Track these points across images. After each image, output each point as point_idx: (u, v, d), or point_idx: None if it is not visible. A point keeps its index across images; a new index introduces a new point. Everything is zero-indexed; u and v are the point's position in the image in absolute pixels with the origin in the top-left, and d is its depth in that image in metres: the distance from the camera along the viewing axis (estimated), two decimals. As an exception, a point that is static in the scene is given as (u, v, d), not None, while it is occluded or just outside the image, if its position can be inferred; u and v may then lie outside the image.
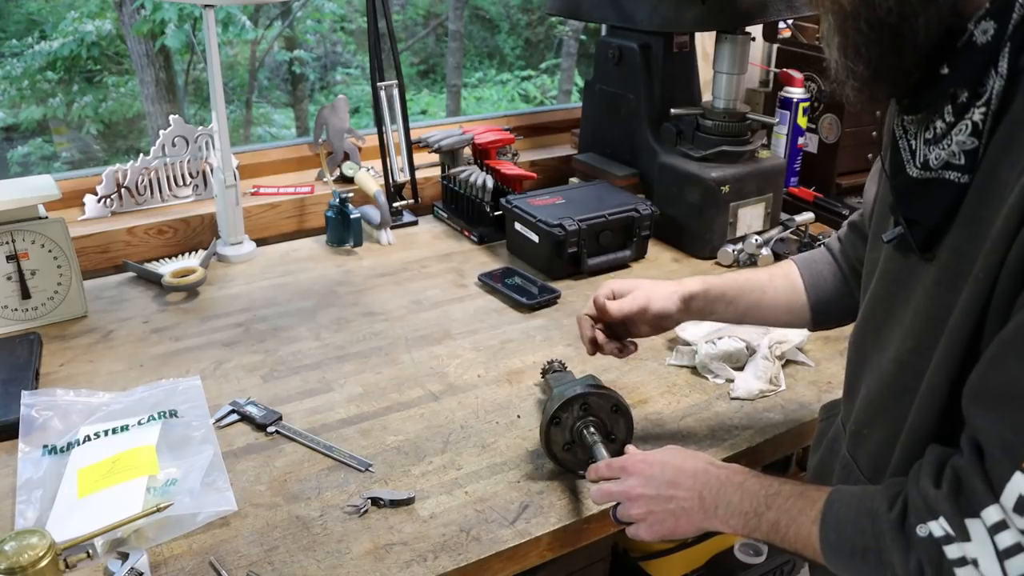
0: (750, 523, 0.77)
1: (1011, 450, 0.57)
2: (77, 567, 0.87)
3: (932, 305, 0.68)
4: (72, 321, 1.39)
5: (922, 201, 0.69)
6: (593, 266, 1.57)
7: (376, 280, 1.56)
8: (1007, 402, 0.58)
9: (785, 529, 0.75)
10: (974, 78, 0.63)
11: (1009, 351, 0.59)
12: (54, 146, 5.65)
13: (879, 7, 0.65)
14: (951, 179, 0.66)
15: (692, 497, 0.82)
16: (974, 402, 0.62)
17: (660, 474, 0.84)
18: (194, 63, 5.68)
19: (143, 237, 1.62)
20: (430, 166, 1.86)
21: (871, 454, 0.80)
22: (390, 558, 0.90)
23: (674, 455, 0.87)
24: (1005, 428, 0.58)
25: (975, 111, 0.64)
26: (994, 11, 0.62)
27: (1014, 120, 0.61)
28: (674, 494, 0.83)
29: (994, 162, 0.63)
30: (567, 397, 0.99)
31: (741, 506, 0.78)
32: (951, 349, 0.65)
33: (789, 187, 1.85)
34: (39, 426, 1.09)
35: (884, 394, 0.77)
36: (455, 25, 6.86)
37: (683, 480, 0.83)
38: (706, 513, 0.81)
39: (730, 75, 1.62)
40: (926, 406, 0.69)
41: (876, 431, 0.79)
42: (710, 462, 0.85)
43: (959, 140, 0.65)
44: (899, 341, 0.74)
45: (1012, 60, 0.61)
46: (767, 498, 0.77)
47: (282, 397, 1.19)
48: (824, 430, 0.95)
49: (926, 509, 0.61)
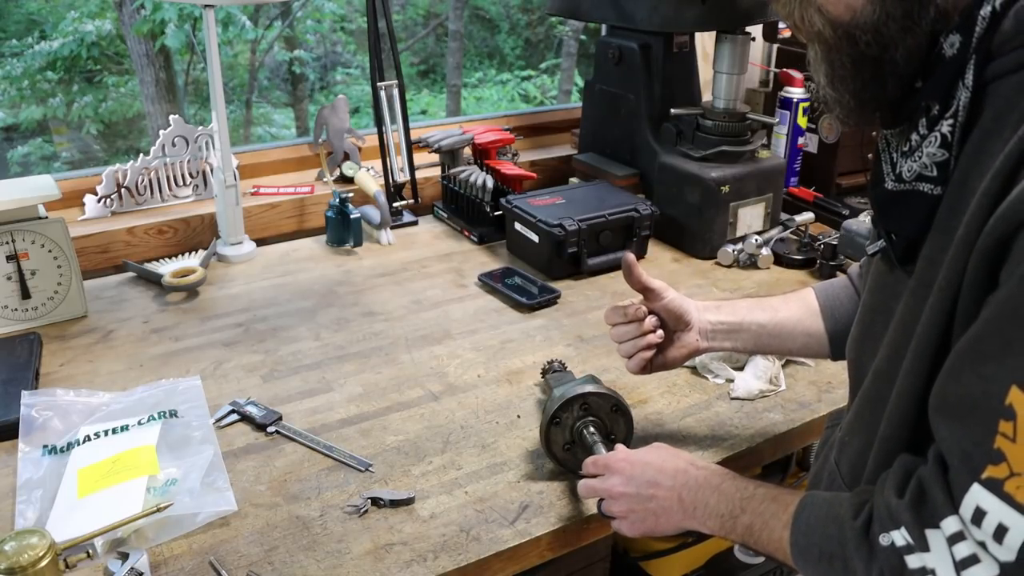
0: (726, 525, 0.79)
1: (969, 461, 0.57)
2: (77, 567, 0.87)
3: (907, 314, 0.69)
4: (72, 321, 1.39)
5: (899, 214, 0.70)
6: (593, 266, 1.57)
7: (376, 280, 1.56)
8: (965, 414, 0.59)
9: (759, 532, 0.76)
10: (944, 91, 0.64)
11: (965, 363, 0.59)
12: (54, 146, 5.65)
13: (859, 40, 0.67)
14: (924, 191, 0.67)
15: (671, 497, 0.83)
16: (937, 412, 0.62)
17: (641, 474, 0.86)
18: (194, 63, 5.69)
19: (143, 237, 1.62)
20: (430, 166, 1.86)
21: (851, 462, 0.81)
22: (390, 558, 0.90)
23: (656, 454, 0.88)
24: (965, 439, 0.58)
25: (943, 123, 0.65)
26: (959, 24, 0.63)
27: (983, 130, 0.62)
28: (654, 493, 0.84)
29: (965, 172, 0.63)
30: (567, 397, 0.99)
31: (717, 508, 0.80)
32: (918, 358, 0.66)
33: (789, 187, 1.85)
34: (39, 426, 1.09)
35: (862, 403, 0.79)
36: (455, 25, 6.86)
37: (663, 480, 0.84)
38: (685, 513, 0.83)
39: (730, 75, 1.62)
40: (896, 415, 0.70)
41: (856, 439, 0.80)
42: (691, 462, 0.86)
43: (929, 152, 0.66)
44: (882, 351, 0.75)
45: (977, 72, 0.62)
46: (742, 501, 0.78)
47: (282, 397, 1.19)
48: (826, 438, 0.95)
49: (889, 519, 0.62)
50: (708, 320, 1.02)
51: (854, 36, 0.67)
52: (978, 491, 0.56)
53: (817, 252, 1.60)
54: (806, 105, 1.81)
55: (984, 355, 0.57)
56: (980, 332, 0.58)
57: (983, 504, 0.56)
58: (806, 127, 1.84)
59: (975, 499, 0.57)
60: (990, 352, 0.57)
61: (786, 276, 1.59)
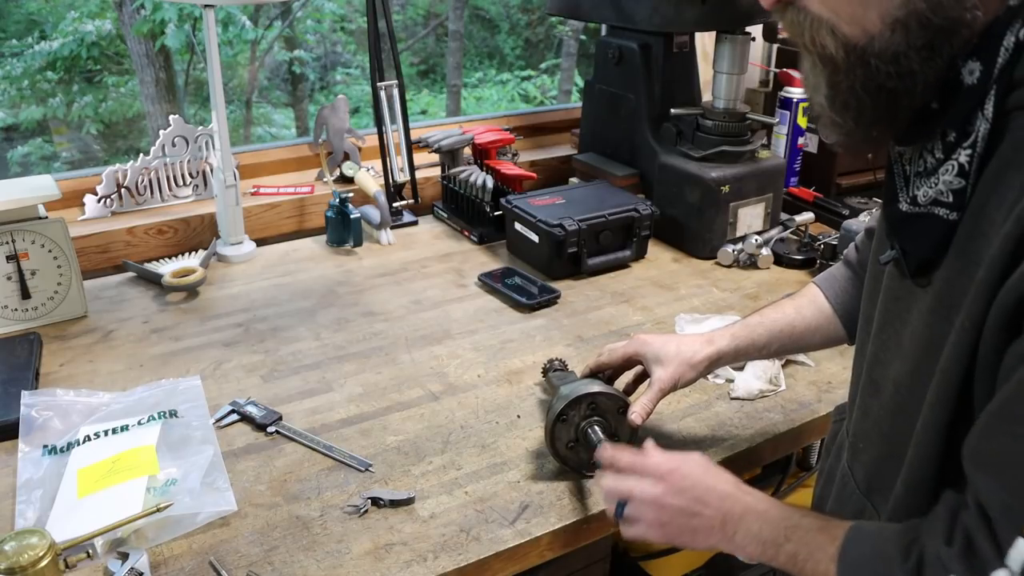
0: (768, 552, 0.77)
1: (1011, 515, 0.58)
2: (77, 567, 0.87)
3: (929, 333, 0.69)
4: (72, 321, 1.39)
5: (914, 235, 0.70)
6: (593, 266, 1.57)
7: (376, 280, 1.56)
8: (1003, 469, 0.59)
9: (803, 563, 0.74)
10: (963, 119, 0.63)
11: (996, 423, 0.60)
12: (54, 146, 5.65)
13: (879, 71, 0.63)
14: (940, 215, 0.66)
15: (716, 518, 0.81)
16: (972, 463, 0.63)
17: (691, 488, 0.82)
18: (194, 63, 5.69)
19: (143, 237, 1.62)
20: (430, 166, 1.86)
21: (866, 469, 0.81)
22: (390, 558, 0.90)
23: (705, 471, 0.84)
24: (1004, 493, 0.59)
25: (961, 152, 0.63)
26: (979, 49, 0.61)
27: (1002, 159, 0.61)
28: (700, 511, 0.81)
29: (984, 199, 0.63)
30: (577, 395, 0.98)
31: (760, 534, 0.78)
32: (943, 394, 0.66)
33: (789, 187, 1.85)
34: (39, 426, 1.09)
35: (881, 413, 0.78)
36: (455, 25, 6.86)
37: (711, 500, 0.81)
38: (724, 535, 0.80)
39: (730, 75, 1.62)
40: (923, 447, 0.70)
41: (871, 448, 0.80)
42: (737, 486, 0.83)
43: (946, 180, 0.65)
44: (898, 362, 0.74)
45: (998, 103, 0.61)
46: (787, 530, 0.76)
47: (282, 397, 1.19)
48: (835, 433, 0.95)
49: (941, 566, 0.62)
50: (717, 352, 1.02)
51: (869, 63, 0.63)
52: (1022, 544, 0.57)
53: (817, 252, 1.60)
54: (806, 105, 1.81)
55: (1016, 416, 0.58)
56: (1011, 393, 0.59)
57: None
58: (806, 127, 1.84)
59: (1020, 553, 0.57)
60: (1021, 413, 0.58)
61: (786, 276, 1.59)
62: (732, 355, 1.03)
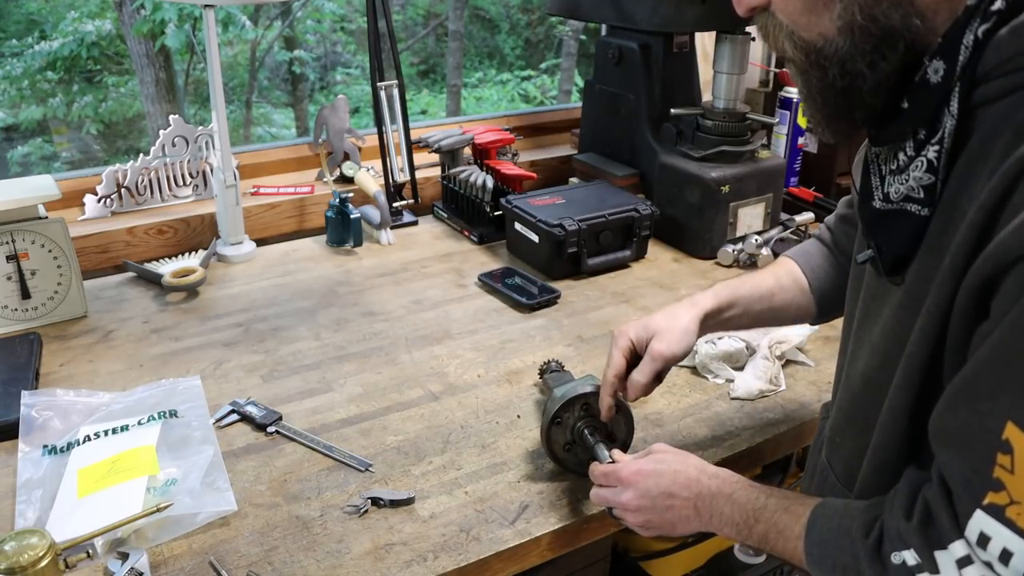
0: (742, 532, 0.81)
1: (971, 488, 0.59)
2: (77, 567, 0.87)
3: (897, 326, 0.71)
4: (72, 321, 1.39)
5: (887, 231, 0.72)
6: (593, 266, 1.57)
7: (376, 280, 1.56)
8: (964, 445, 0.61)
9: (774, 541, 0.78)
10: (930, 117, 0.65)
11: (961, 399, 0.61)
12: (54, 146, 5.65)
13: (828, 72, 0.68)
14: (912, 211, 0.68)
15: (688, 506, 0.85)
16: (936, 440, 0.64)
17: (655, 486, 0.87)
18: (194, 63, 5.68)
19: (143, 237, 1.62)
20: (430, 166, 1.86)
21: (844, 463, 0.83)
22: (390, 558, 0.90)
23: (665, 463, 0.88)
24: (965, 467, 0.60)
25: (930, 149, 0.66)
26: (942, 49, 0.64)
27: (971, 154, 0.63)
28: (671, 504, 0.86)
29: (954, 194, 0.64)
30: (569, 397, 0.99)
31: (732, 517, 0.81)
32: (909, 376, 0.69)
33: (789, 187, 1.86)
34: (39, 426, 1.09)
35: (853, 406, 0.81)
36: (455, 25, 6.86)
37: (677, 491, 0.86)
38: (702, 520, 0.85)
39: (730, 75, 1.62)
40: (889, 428, 0.73)
41: (847, 441, 0.83)
42: (701, 471, 0.86)
43: (916, 176, 0.67)
44: (867, 356, 0.77)
45: (962, 98, 0.63)
46: (755, 511, 0.80)
47: (282, 397, 1.19)
48: (820, 429, 0.96)
49: (899, 539, 0.64)
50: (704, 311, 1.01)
51: (822, 64, 0.68)
52: (981, 516, 0.58)
53: (817, 252, 1.60)
54: (806, 105, 1.81)
55: (979, 393, 0.59)
56: (974, 371, 0.60)
57: (987, 529, 0.58)
58: (806, 127, 1.84)
59: (979, 524, 0.59)
60: (984, 390, 0.59)
61: (786, 276, 1.59)
62: (715, 314, 1.02)
